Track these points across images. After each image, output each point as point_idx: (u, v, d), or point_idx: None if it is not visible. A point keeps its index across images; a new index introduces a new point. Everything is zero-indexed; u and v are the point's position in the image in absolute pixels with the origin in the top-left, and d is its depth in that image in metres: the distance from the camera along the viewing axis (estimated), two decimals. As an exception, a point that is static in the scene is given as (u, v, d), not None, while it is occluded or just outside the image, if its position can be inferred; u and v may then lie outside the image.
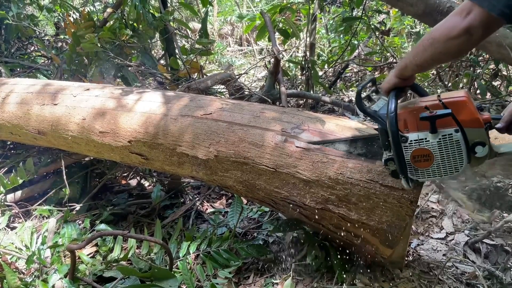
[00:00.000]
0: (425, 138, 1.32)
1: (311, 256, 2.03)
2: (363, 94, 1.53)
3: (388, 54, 5.16)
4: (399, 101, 1.41)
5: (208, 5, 3.25)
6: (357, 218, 1.70)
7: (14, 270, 2.06)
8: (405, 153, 1.36)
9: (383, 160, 1.47)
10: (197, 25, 8.45)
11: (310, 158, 1.74)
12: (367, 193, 1.64)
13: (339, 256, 2.03)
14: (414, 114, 1.33)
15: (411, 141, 1.34)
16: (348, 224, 1.75)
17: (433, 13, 3.03)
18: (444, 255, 2.11)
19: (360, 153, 1.69)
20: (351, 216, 1.71)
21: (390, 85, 1.43)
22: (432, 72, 4.49)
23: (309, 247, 2.09)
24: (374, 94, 1.59)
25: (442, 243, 2.23)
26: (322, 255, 2.06)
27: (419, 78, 4.64)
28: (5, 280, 1.98)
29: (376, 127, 1.53)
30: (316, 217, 1.80)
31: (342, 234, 1.85)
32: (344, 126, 1.83)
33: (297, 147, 1.79)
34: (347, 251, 2.06)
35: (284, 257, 2.15)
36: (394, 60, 5.02)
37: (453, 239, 2.24)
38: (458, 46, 1.18)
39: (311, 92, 4.28)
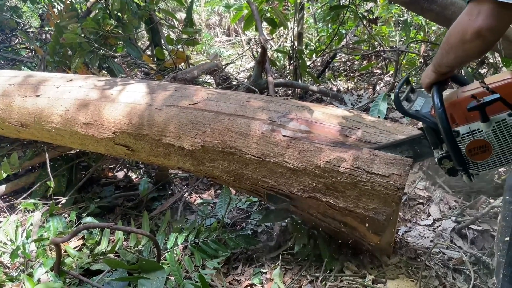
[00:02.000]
0: (478, 129, 1.24)
1: (299, 245, 2.03)
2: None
3: (376, 42, 5.14)
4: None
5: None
6: (344, 205, 1.69)
7: (0, 264, 2.04)
8: (460, 148, 1.29)
9: (436, 160, 1.40)
10: (184, 16, 8.34)
11: (297, 147, 1.73)
12: (353, 181, 1.63)
13: (327, 245, 2.04)
14: (460, 106, 1.26)
15: (463, 134, 1.27)
16: (336, 212, 1.75)
17: (420, 0, 3.02)
18: (431, 241, 2.13)
19: (408, 157, 1.60)
20: (338, 204, 1.70)
21: (431, 80, 1.34)
22: (420, 60, 4.50)
23: (297, 236, 2.09)
24: (411, 93, 1.51)
25: (429, 230, 2.25)
26: (310, 243, 2.06)
27: (406, 66, 4.65)
28: (-11, 275, 1.96)
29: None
30: (305, 205, 1.79)
31: (330, 222, 1.86)
32: (331, 115, 1.83)
33: (283, 136, 1.77)
34: (335, 239, 2.07)
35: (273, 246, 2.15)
36: (382, 49, 5.01)
37: (440, 226, 2.25)
38: (477, 48, 1.12)
39: (299, 81, 4.26)
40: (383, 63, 5.22)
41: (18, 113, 2.42)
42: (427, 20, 5.29)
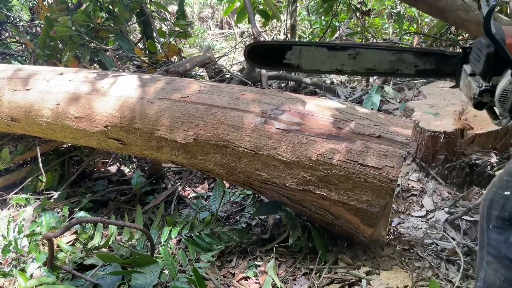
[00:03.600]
0: None
1: (294, 238, 2.03)
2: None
3: (369, 35, 5.14)
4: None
5: (185, -14, 3.17)
6: (337, 198, 1.69)
7: (-9, 260, 2.02)
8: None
9: (475, 90, 1.29)
10: (176, 9, 8.27)
11: (290, 140, 1.72)
12: (347, 173, 1.63)
13: (321, 237, 2.05)
14: None
15: None
16: (329, 204, 1.75)
17: (413, -9, 3.02)
18: (424, 232, 2.14)
19: (426, 69, 1.56)
20: (331, 197, 1.70)
21: None
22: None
23: (291, 229, 2.09)
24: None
25: (422, 221, 2.26)
26: (304, 236, 2.07)
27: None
28: (-19, 271, 1.94)
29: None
30: (298, 198, 1.79)
31: (323, 214, 1.86)
32: (324, 107, 1.81)
33: (277, 128, 1.76)
34: (329, 232, 2.08)
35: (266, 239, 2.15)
36: (375, 41, 5.00)
37: (433, 217, 2.27)
38: None
39: (292, 74, 4.24)
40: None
41: (8, 108, 2.39)
42: (420, 12, 5.29)
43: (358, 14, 4.60)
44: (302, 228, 2.09)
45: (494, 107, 1.30)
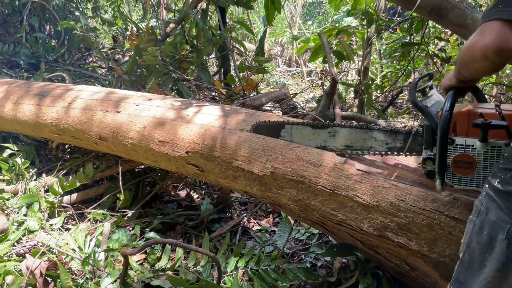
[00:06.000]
0: (472, 145, 1.28)
1: (363, 284, 1.95)
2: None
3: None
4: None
5: (269, 25, 3.30)
6: (417, 248, 1.61)
7: (68, 270, 2.12)
8: (447, 156, 1.32)
9: (421, 158, 1.45)
10: (248, 45, 8.60)
11: (371, 182, 1.69)
12: (430, 223, 1.56)
13: (392, 287, 1.95)
14: (467, 119, 1.30)
15: (457, 145, 1.30)
16: (406, 254, 1.68)
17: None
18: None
19: (396, 146, 1.67)
20: (410, 246, 1.63)
21: (451, 83, 1.35)
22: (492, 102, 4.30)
23: (361, 274, 2.01)
24: (428, 89, 1.57)
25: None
26: (374, 284, 1.98)
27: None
28: (58, 280, 2.05)
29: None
30: (373, 243, 1.73)
31: (398, 264, 1.77)
32: (407, 152, 1.77)
33: (357, 169, 1.74)
34: (401, 283, 1.97)
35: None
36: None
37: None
38: (485, 68, 1.12)
39: (366, 115, 4.21)
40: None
41: (98, 127, 2.56)
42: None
43: (438, 60, 4.51)
44: (372, 276, 2.00)
45: None
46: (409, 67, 4.84)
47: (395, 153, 1.69)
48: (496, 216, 1.07)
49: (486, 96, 4.70)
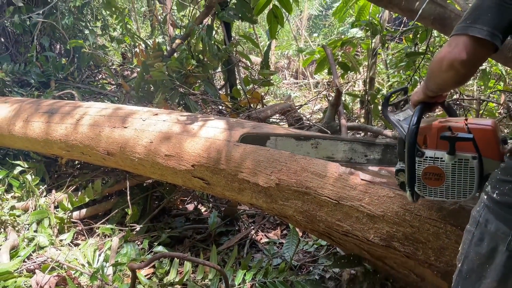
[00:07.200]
0: (441, 158, 1.31)
1: (372, 295, 1.94)
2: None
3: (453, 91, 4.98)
4: (426, 116, 1.42)
5: (273, 38, 3.34)
6: (424, 258, 1.60)
7: (77, 285, 2.14)
8: (418, 168, 1.36)
9: (395, 170, 1.48)
10: (254, 58, 8.67)
11: (376, 192, 1.69)
12: (436, 232, 1.55)
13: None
14: (436, 132, 1.33)
15: (427, 157, 1.34)
16: (414, 264, 1.66)
17: (503, 50, 2.91)
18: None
19: (375, 158, 1.71)
20: (418, 256, 1.62)
21: (419, 98, 1.40)
22: (499, 110, 4.28)
23: (369, 286, 2.00)
24: (402, 103, 1.61)
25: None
26: (383, 295, 1.96)
27: (486, 116, 4.44)
28: (67, 294, 2.06)
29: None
30: (380, 254, 1.72)
31: (407, 274, 1.76)
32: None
33: (362, 179, 1.74)
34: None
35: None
36: (457, 97, 4.84)
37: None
38: (452, 79, 1.18)
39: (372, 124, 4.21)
40: (459, 112, 5.03)
41: (106, 142, 2.60)
42: (508, 70, 5.06)
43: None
44: (380, 287, 1.99)
45: None
46: (415, 77, 4.83)
47: (374, 164, 1.74)
48: (495, 228, 1.07)
49: (494, 104, 4.69)
